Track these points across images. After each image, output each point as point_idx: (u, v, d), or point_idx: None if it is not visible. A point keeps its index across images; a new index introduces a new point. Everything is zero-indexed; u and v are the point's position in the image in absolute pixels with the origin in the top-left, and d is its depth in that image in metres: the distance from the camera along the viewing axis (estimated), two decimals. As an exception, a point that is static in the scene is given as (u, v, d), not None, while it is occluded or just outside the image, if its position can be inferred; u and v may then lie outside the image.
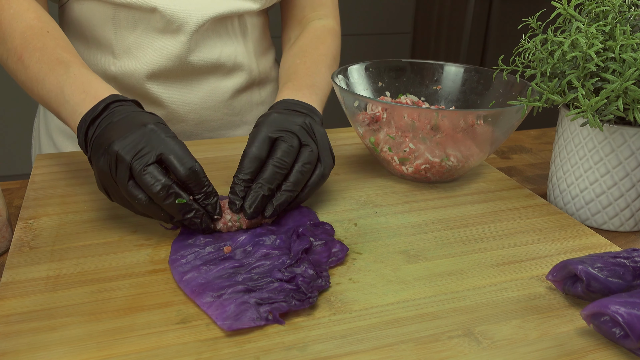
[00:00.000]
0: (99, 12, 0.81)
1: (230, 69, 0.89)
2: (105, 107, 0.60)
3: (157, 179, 0.55)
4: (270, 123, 0.64)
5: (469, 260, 0.59)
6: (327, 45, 0.87)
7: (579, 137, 0.67)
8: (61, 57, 0.66)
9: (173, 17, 0.80)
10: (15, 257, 0.57)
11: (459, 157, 0.71)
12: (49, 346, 0.46)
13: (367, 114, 0.72)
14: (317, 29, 0.90)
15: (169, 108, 0.87)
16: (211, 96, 0.89)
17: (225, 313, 0.48)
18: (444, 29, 2.45)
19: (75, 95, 0.62)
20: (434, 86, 0.84)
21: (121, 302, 0.51)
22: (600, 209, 0.67)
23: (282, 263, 0.54)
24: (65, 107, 0.63)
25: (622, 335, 0.46)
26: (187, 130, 0.90)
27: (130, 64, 0.83)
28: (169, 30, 0.82)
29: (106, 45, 0.83)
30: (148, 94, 0.85)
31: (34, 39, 0.68)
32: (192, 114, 0.89)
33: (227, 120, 0.93)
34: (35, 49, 0.67)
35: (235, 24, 0.87)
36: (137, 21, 0.81)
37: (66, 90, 0.63)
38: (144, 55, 0.83)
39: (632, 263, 0.51)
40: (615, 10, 0.64)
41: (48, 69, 0.66)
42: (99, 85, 0.63)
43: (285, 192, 0.61)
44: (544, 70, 0.66)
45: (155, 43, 0.82)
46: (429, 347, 0.47)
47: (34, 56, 0.67)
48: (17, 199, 0.74)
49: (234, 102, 0.92)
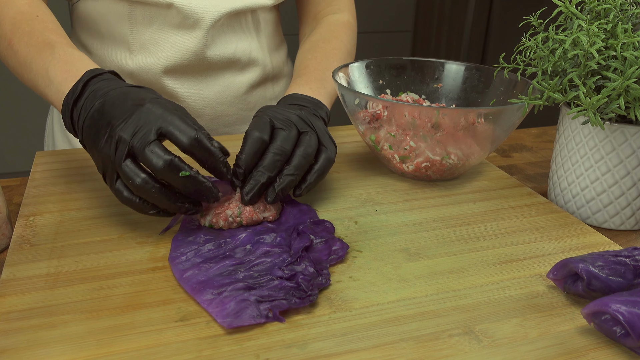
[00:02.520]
0: (114, 9, 0.82)
1: (245, 64, 0.89)
2: (84, 86, 0.59)
3: (159, 156, 0.53)
4: (269, 114, 0.63)
5: (469, 259, 0.59)
6: (340, 39, 0.87)
7: (579, 135, 0.67)
8: (48, 39, 0.66)
9: (189, 12, 0.81)
10: (15, 254, 0.57)
11: (459, 155, 0.71)
12: (49, 343, 0.46)
13: (368, 111, 0.72)
14: (330, 24, 0.90)
15: (185, 103, 0.87)
16: (226, 91, 0.89)
17: (225, 311, 0.48)
18: (444, 27, 2.45)
19: (59, 75, 0.62)
20: (435, 84, 0.83)
21: (121, 300, 0.51)
22: (601, 207, 0.67)
23: (282, 261, 0.54)
24: (51, 89, 0.62)
25: (622, 334, 0.46)
26: (203, 125, 0.90)
27: (146, 59, 0.83)
28: (185, 26, 0.82)
29: (122, 41, 0.84)
30: (164, 89, 0.86)
31: (22, 24, 0.68)
32: (208, 109, 0.89)
33: (242, 115, 0.93)
34: (23, 33, 0.67)
35: (249, 20, 0.87)
36: (153, 17, 0.81)
37: (50, 71, 0.63)
38: (160, 51, 0.83)
39: (633, 262, 0.51)
40: (616, 8, 0.64)
41: (35, 52, 0.65)
42: (80, 63, 0.63)
43: (287, 176, 0.60)
44: (545, 68, 0.66)
45: (172, 38, 0.83)
46: (429, 346, 0.47)
47: (22, 40, 0.66)
48: (17, 196, 0.74)
49: (248, 97, 0.92)
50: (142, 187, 0.53)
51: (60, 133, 0.94)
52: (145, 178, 0.53)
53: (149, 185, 0.54)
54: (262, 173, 0.59)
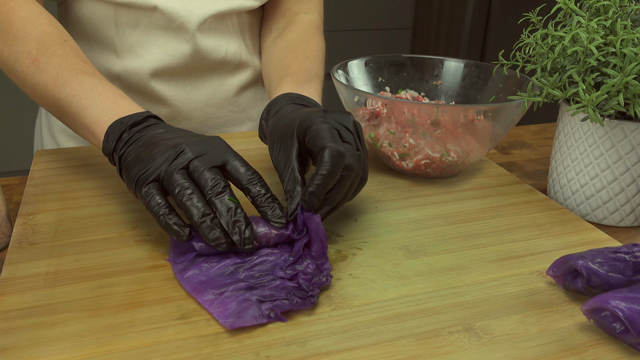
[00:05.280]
0: (99, 12, 0.81)
1: (235, 66, 0.89)
2: (145, 118, 0.60)
3: (214, 178, 0.54)
4: (330, 122, 0.59)
5: (469, 256, 0.59)
6: (316, 41, 0.86)
7: (579, 132, 0.67)
8: (84, 68, 0.66)
9: (174, 15, 0.80)
10: (14, 253, 0.57)
11: (459, 152, 0.71)
12: (49, 342, 0.46)
13: (367, 109, 0.72)
14: (304, 24, 0.88)
15: (173, 106, 0.86)
16: (216, 93, 0.89)
17: (227, 311, 0.48)
18: (444, 24, 2.45)
19: (106, 103, 0.62)
20: (434, 81, 0.83)
21: (121, 298, 0.51)
22: (600, 204, 0.67)
23: (284, 260, 0.54)
24: (91, 111, 0.62)
25: (622, 331, 0.46)
26: (192, 128, 0.90)
27: (133, 62, 0.83)
28: (171, 28, 0.81)
29: (108, 44, 0.83)
30: (152, 92, 0.85)
31: (52, 45, 0.68)
32: (197, 112, 0.88)
33: (232, 117, 0.92)
34: (54, 55, 0.67)
35: (234, 21, 0.87)
36: (138, 20, 0.81)
37: (94, 96, 0.63)
38: (147, 54, 0.82)
39: (633, 258, 0.51)
40: (616, 5, 0.64)
41: (70, 75, 0.65)
42: (131, 103, 0.63)
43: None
44: (544, 65, 0.66)
45: (159, 41, 0.82)
46: (429, 343, 0.47)
47: (52, 61, 0.67)
48: (16, 194, 0.74)
49: (238, 99, 0.92)
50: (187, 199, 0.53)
51: (48, 135, 0.93)
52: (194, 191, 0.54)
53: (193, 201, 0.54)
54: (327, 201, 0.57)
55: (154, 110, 0.86)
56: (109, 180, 0.71)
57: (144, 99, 0.86)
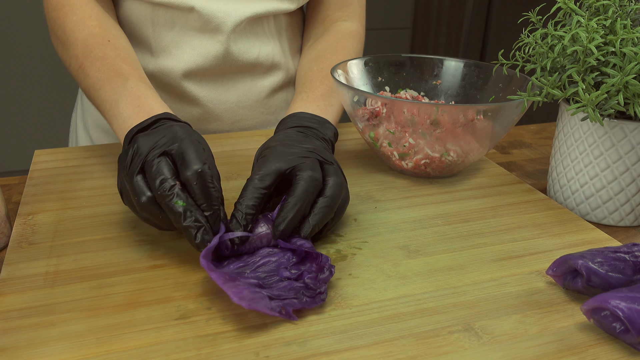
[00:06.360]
0: (137, 11, 0.82)
1: (267, 68, 0.89)
2: (154, 122, 0.60)
3: (161, 173, 0.53)
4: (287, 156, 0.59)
5: (468, 256, 0.59)
6: (347, 50, 0.85)
7: (579, 131, 0.67)
8: (120, 69, 0.67)
9: (210, 16, 0.80)
10: (14, 253, 0.56)
11: (458, 152, 0.71)
12: (48, 342, 0.46)
13: (367, 109, 0.72)
14: (339, 32, 0.88)
15: (205, 107, 0.87)
16: (248, 95, 0.89)
17: (241, 293, 0.48)
18: (443, 24, 2.45)
19: (129, 109, 0.62)
20: (434, 81, 0.83)
21: (120, 298, 0.51)
22: (600, 203, 0.67)
23: (287, 260, 0.54)
24: (117, 119, 0.63)
25: (622, 330, 0.46)
26: (223, 130, 0.90)
27: (167, 62, 0.83)
28: (206, 30, 0.82)
29: (144, 43, 0.84)
30: (184, 92, 0.85)
31: (95, 48, 0.68)
32: (228, 113, 0.89)
33: (262, 119, 0.92)
34: (96, 58, 0.68)
35: (271, 24, 0.87)
36: (175, 20, 0.81)
37: (121, 103, 0.63)
38: (181, 54, 0.83)
39: (633, 258, 0.51)
40: (615, 4, 0.64)
41: (106, 80, 0.66)
42: (153, 102, 0.63)
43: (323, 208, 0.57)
44: (544, 64, 0.66)
45: (193, 42, 0.82)
46: (429, 342, 0.47)
47: (94, 65, 0.67)
48: (15, 194, 0.74)
49: (270, 101, 0.92)
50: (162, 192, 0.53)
51: (83, 130, 0.95)
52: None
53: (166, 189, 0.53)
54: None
55: (186, 110, 0.87)
56: (108, 180, 0.71)
57: (176, 99, 0.86)
